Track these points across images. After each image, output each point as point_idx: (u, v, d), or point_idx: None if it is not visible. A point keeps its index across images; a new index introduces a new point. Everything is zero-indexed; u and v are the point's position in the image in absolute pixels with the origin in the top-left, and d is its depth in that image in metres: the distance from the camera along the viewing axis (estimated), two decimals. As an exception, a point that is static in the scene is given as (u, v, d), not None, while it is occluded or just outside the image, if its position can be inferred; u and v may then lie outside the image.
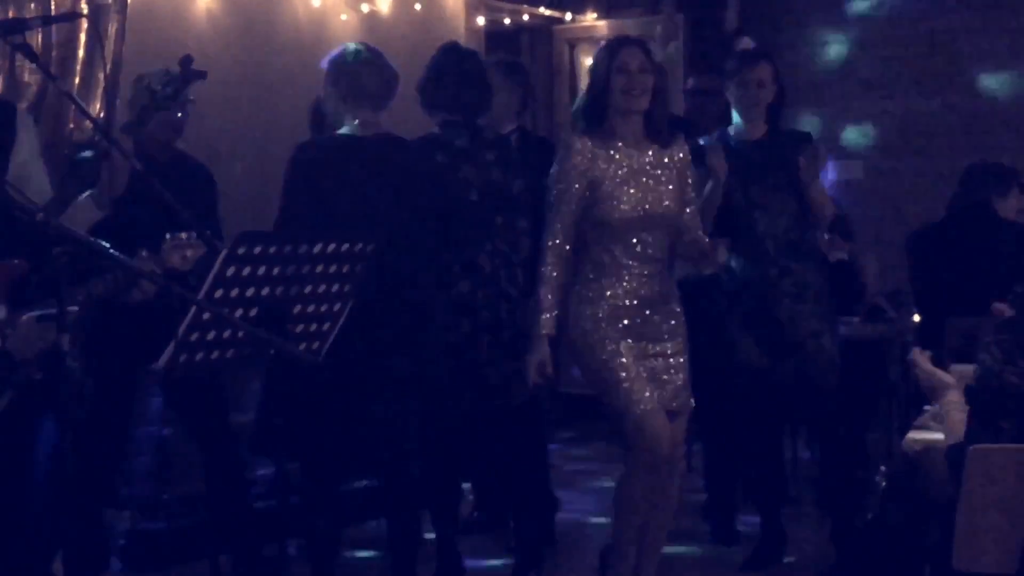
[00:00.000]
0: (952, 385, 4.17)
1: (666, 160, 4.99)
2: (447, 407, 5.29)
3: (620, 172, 4.90)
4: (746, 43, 7.15)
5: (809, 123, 9.31)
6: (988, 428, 3.82)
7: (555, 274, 4.87)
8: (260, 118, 7.20)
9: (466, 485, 6.54)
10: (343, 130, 4.98)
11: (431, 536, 5.59)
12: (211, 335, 3.93)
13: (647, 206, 4.90)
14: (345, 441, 4.92)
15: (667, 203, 4.94)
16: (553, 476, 6.44)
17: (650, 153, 4.98)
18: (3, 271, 4.21)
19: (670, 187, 4.96)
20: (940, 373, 4.19)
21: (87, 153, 5.71)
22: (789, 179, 5.66)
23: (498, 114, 5.95)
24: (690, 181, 5.08)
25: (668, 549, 5.37)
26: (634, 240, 4.89)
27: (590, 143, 4.92)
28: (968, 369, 4.32)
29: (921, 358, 4.25)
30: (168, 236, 4.32)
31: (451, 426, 5.39)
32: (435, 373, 5.06)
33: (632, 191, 4.89)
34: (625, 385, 4.80)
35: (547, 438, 6.38)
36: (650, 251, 4.91)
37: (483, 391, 5.42)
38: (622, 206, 4.87)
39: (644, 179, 4.93)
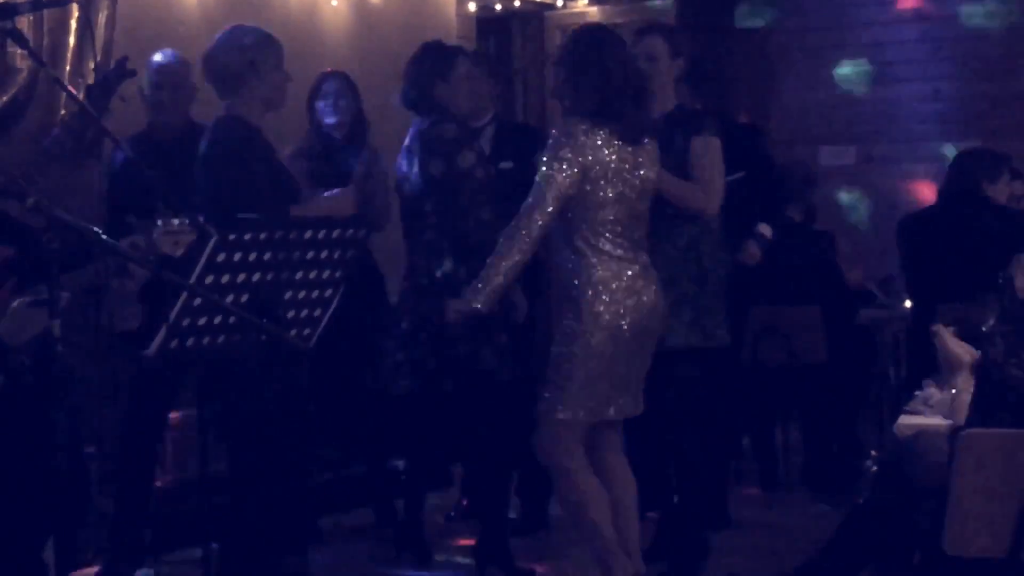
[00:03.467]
0: (966, 365, 4.17)
1: None
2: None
3: None
4: None
5: (795, 105, 9.36)
6: (988, 419, 3.83)
7: None
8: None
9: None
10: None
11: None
12: (202, 321, 3.94)
13: None
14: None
15: None
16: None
17: None
18: (-9, 256, 4.22)
19: None
20: (958, 350, 4.20)
21: None
22: (674, 162, 5.38)
23: (474, 105, 6.00)
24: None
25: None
26: None
27: None
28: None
29: (944, 332, 4.26)
30: (159, 222, 4.30)
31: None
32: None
33: None
34: None
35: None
36: None
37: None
38: None
39: None
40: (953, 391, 4.16)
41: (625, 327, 4.79)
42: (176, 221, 4.27)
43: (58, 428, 4.02)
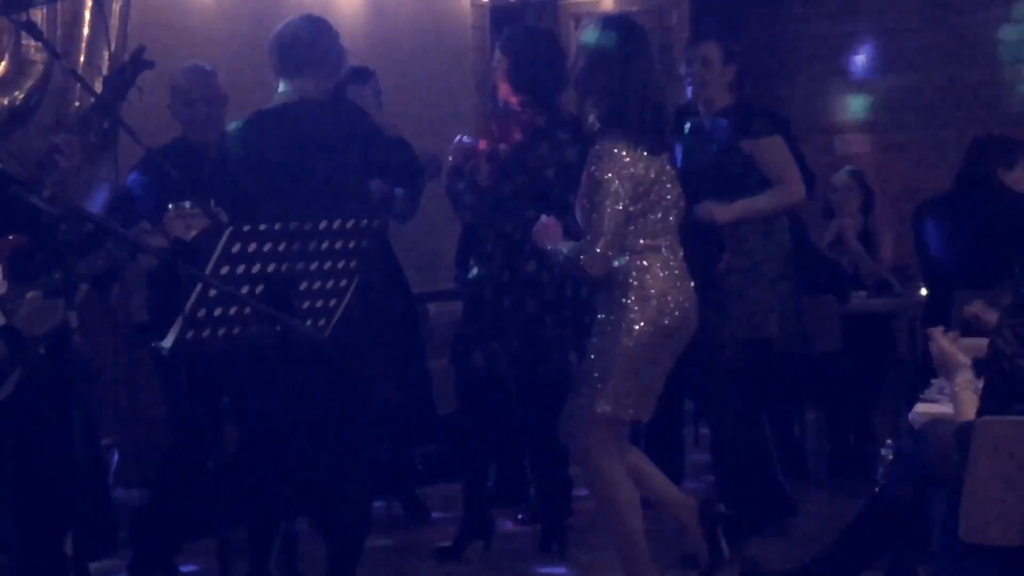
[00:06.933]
0: (965, 365, 4.15)
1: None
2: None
3: None
4: None
5: (811, 94, 9.34)
6: (1000, 411, 3.82)
7: None
8: (264, 96, 7.17)
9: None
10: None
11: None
12: (218, 312, 3.94)
13: None
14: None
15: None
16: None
17: None
18: (3, 246, 4.22)
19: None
20: (956, 352, 4.18)
21: None
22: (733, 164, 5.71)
23: None
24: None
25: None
26: None
27: None
28: (976, 342, 4.32)
29: (939, 334, 4.23)
30: (171, 205, 4.31)
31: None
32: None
33: None
34: None
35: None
36: None
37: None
38: None
39: None
40: (956, 391, 4.13)
41: (668, 323, 4.72)
42: (187, 204, 4.28)
43: (75, 420, 4.03)
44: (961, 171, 6.54)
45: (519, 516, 6.42)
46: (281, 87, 5.12)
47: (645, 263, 4.73)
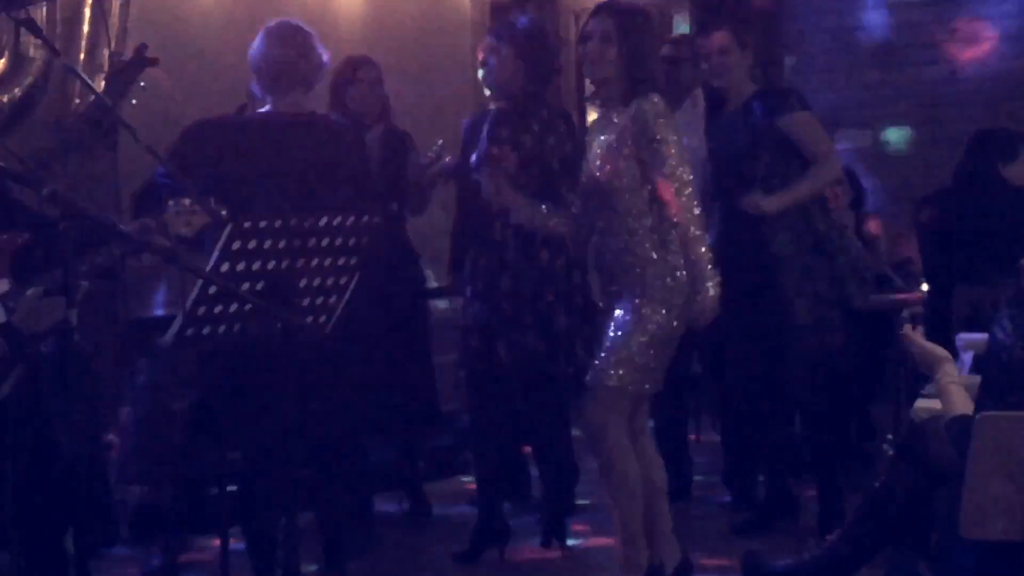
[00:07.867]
0: (947, 358, 4.16)
1: (613, 122, 4.81)
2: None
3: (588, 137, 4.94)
4: None
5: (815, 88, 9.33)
6: (997, 402, 3.82)
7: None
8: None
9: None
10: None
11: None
12: (218, 309, 3.94)
13: (583, 176, 4.88)
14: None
15: (594, 171, 4.81)
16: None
17: (602, 117, 4.89)
18: (4, 244, 4.23)
19: (599, 152, 4.80)
20: (934, 348, 4.18)
21: None
22: (770, 146, 5.69)
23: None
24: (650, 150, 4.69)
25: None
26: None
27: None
28: (977, 338, 4.32)
29: (914, 334, 4.23)
30: (171, 202, 4.30)
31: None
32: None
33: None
34: None
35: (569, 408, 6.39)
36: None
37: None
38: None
39: (592, 145, 4.87)
40: (942, 384, 4.12)
41: (686, 298, 4.77)
42: (187, 201, 4.27)
43: (76, 418, 4.03)
44: (961, 165, 6.53)
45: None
46: (261, 100, 5.00)
47: (670, 242, 4.75)
